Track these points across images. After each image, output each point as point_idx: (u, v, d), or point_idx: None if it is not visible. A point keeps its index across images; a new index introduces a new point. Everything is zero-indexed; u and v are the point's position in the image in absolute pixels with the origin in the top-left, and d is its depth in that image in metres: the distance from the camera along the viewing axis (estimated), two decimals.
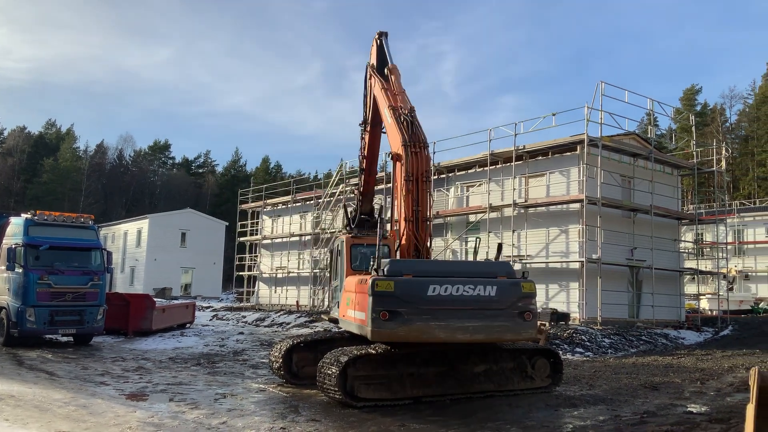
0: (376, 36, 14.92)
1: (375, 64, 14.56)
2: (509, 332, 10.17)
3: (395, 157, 12.19)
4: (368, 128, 14.90)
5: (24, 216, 19.34)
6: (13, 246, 18.28)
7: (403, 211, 11.65)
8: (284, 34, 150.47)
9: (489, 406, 10.37)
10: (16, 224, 19.37)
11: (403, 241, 11.65)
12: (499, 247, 12.25)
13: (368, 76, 14.68)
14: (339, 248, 13.32)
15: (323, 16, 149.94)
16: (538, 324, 21.03)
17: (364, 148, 15.18)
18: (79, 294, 18.75)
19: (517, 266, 25.50)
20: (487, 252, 26.20)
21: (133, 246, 57.35)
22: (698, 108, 79.17)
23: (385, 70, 14.11)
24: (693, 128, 33.77)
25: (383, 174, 31.97)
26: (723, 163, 30.98)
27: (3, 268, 18.68)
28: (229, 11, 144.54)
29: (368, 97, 14.80)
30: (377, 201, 19.56)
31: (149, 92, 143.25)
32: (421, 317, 9.72)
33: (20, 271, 17.98)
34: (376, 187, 32.96)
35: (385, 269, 9.96)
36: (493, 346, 11.26)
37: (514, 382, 11.42)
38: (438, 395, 10.55)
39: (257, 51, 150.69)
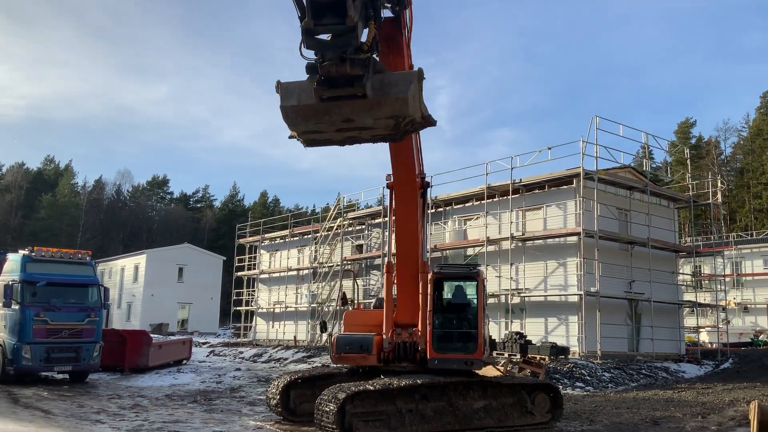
0: None
1: None
2: None
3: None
4: None
5: (21, 252, 19.29)
6: (10, 282, 18.19)
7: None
8: (281, 72, 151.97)
9: None
10: (13, 260, 19.31)
11: None
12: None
13: None
14: None
15: None
16: (538, 358, 20.95)
17: None
18: (76, 331, 18.62)
19: (515, 299, 25.53)
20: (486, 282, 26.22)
21: (130, 281, 57.09)
22: (693, 141, 79.85)
23: None
24: (688, 161, 34.04)
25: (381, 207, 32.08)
26: (719, 196, 31.13)
27: (0, 305, 18.58)
28: (227, 49, 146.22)
29: None
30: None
31: (147, 128, 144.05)
32: None
33: (17, 307, 17.86)
34: (375, 220, 32.58)
35: None
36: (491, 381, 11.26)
37: (513, 417, 11.36)
38: (437, 431, 10.46)
39: (254, 88, 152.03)
